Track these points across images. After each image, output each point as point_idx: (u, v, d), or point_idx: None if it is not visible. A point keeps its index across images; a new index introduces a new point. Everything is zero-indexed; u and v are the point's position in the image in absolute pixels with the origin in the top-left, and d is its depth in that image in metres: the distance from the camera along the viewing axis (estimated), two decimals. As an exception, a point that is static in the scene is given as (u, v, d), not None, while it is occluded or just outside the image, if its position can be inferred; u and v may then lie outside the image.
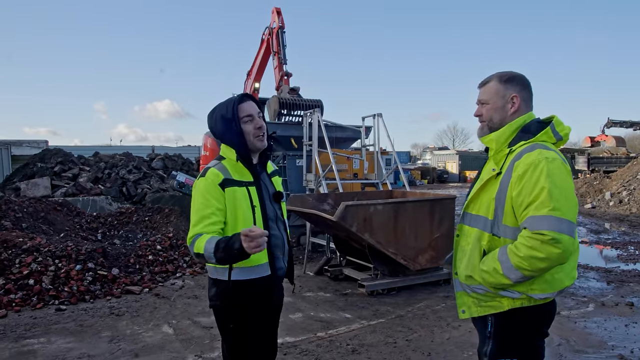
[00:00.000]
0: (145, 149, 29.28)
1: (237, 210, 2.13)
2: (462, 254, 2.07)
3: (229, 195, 2.12)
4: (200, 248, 2.01)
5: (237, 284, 2.14)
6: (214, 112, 2.26)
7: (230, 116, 2.18)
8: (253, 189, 2.20)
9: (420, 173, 35.63)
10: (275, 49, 11.37)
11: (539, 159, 1.82)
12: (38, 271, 5.80)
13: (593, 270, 7.13)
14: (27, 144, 24.72)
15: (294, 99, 10.36)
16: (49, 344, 4.36)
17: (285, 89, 10.82)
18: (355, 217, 5.45)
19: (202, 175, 2.16)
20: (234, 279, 2.12)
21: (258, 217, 2.18)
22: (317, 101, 10.59)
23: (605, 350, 4.12)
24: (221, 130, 2.22)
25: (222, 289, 2.18)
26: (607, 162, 25.04)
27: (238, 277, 2.14)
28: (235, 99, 2.23)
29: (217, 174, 2.14)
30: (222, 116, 2.20)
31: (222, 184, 2.12)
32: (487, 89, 2.05)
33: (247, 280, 2.17)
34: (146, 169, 14.53)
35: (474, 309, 2.05)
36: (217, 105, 2.28)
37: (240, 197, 2.14)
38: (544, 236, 1.73)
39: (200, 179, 2.16)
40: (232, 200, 2.12)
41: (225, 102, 2.25)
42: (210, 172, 2.15)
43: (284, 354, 4.06)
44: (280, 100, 10.16)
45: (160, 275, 6.68)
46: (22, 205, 8.47)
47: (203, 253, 2.00)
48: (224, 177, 2.14)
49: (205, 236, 2.04)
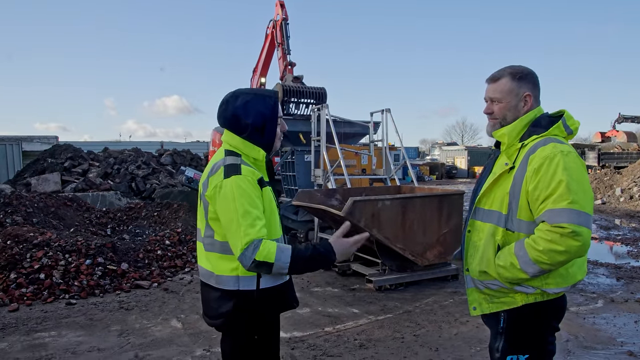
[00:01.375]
0: (154, 144, 29.43)
1: (272, 213, 1.99)
2: (474, 250, 2.05)
3: (266, 195, 1.95)
4: (269, 256, 1.79)
5: (265, 292, 1.96)
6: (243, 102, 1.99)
7: (270, 115, 2.00)
8: (271, 188, 2.06)
9: (429, 169, 35.50)
10: (279, 40, 11.39)
11: (554, 153, 1.81)
12: (49, 265, 5.86)
13: (603, 267, 7.07)
14: (37, 140, 24.91)
15: (298, 87, 10.36)
16: (60, 337, 4.41)
17: (289, 77, 10.84)
18: (363, 212, 5.44)
19: (237, 173, 1.89)
20: (263, 287, 1.94)
21: (277, 217, 2.05)
22: (321, 89, 10.58)
23: (614, 346, 4.09)
24: (255, 125, 1.99)
25: (245, 300, 1.94)
26: (618, 158, 24.78)
27: (266, 284, 1.95)
28: (273, 94, 2.04)
29: (253, 172, 1.94)
30: (258, 110, 1.98)
31: (260, 182, 1.93)
32: (499, 87, 2.01)
33: (273, 287, 1.98)
34: (155, 164, 14.63)
35: (485, 306, 2.04)
36: (244, 93, 2.02)
37: (272, 198, 2.01)
38: (564, 229, 1.72)
39: (238, 177, 1.87)
40: (269, 202, 1.97)
41: (259, 94, 2.04)
42: (245, 169, 1.91)
43: (292, 348, 4.08)
44: (284, 87, 10.16)
45: (169, 270, 6.73)
46: (32, 200, 8.57)
47: (272, 262, 1.80)
48: (260, 176, 1.96)
49: (268, 242, 1.83)
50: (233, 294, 1.94)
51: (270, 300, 1.98)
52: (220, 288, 1.97)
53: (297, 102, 10.41)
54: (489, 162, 2.15)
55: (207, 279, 2.02)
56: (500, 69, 2.05)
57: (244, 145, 2.02)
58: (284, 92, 10.11)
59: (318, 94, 10.51)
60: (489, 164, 2.13)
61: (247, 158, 2.01)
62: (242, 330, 1.98)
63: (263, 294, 1.95)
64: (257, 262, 1.79)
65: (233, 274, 1.93)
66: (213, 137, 10.89)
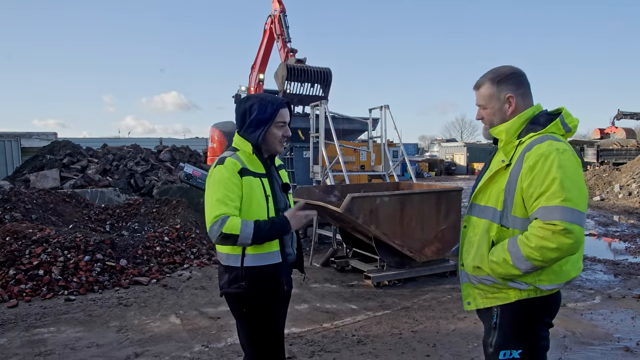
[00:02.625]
0: (153, 141, 29.43)
1: (252, 199, 2.20)
2: (470, 245, 2.07)
3: (246, 183, 2.19)
4: (234, 229, 2.07)
5: (249, 271, 2.21)
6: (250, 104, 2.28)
7: (266, 117, 2.25)
8: (265, 180, 2.28)
9: (428, 165, 35.51)
10: (279, 31, 11.34)
11: (549, 150, 1.82)
12: (47, 262, 5.87)
13: (600, 263, 7.09)
14: (36, 136, 24.92)
15: (303, 66, 10.26)
16: (59, 333, 4.42)
17: (292, 61, 10.72)
18: (361, 208, 5.45)
19: (221, 163, 2.21)
20: (247, 265, 2.20)
21: (271, 206, 2.25)
22: (326, 69, 10.45)
23: (611, 342, 4.11)
24: (248, 124, 2.26)
25: (234, 275, 2.23)
26: (617, 154, 24.76)
27: (251, 263, 2.21)
28: (279, 102, 2.28)
29: (236, 162, 2.20)
30: (258, 113, 2.24)
31: (241, 172, 2.19)
32: (482, 93, 2.05)
33: (259, 267, 2.22)
34: (154, 160, 14.61)
35: (480, 301, 2.06)
36: (254, 97, 2.31)
37: (255, 187, 2.22)
38: (556, 226, 1.73)
39: (220, 167, 2.20)
40: (249, 189, 2.19)
41: (267, 99, 2.29)
42: (228, 160, 2.20)
43: (290, 344, 4.09)
44: (289, 67, 10.03)
45: (168, 267, 6.74)
46: (31, 196, 8.56)
47: (238, 234, 2.06)
48: (242, 167, 2.21)
49: (236, 218, 2.10)
50: (227, 269, 2.26)
51: (258, 280, 2.22)
52: (221, 263, 2.32)
53: (302, 82, 10.32)
54: (488, 158, 2.16)
55: (218, 255, 2.36)
56: (483, 74, 2.07)
57: (240, 140, 2.31)
58: (288, 72, 9.99)
59: (323, 74, 10.40)
60: (488, 161, 2.14)
61: (242, 153, 2.29)
62: (235, 302, 2.29)
63: (248, 272, 2.21)
64: (223, 235, 2.07)
65: (224, 251, 2.26)
66: (212, 134, 10.88)
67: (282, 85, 10.09)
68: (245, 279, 2.21)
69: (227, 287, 2.27)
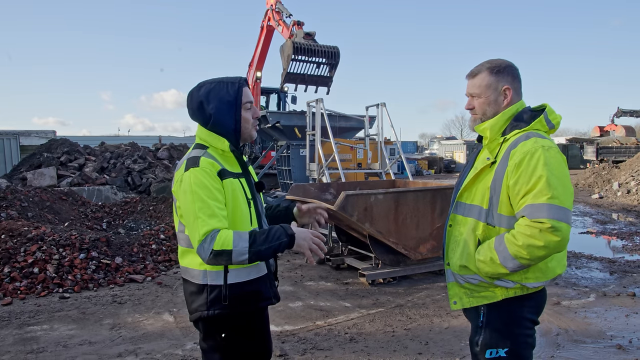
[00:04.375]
0: (153, 139, 29.37)
1: (236, 205, 1.90)
2: (456, 244, 2.05)
3: (227, 187, 1.88)
4: (226, 244, 1.74)
5: (233, 288, 1.89)
6: (206, 91, 1.94)
7: (232, 99, 1.92)
8: (244, 180, 1.98)
9: (428, 163, 35.48)
10: (277, 17, 11.00)
11: (535, 148, 1.81)
12: (42, 260, 5.87)
13: (597, 261, 7.08)
14: (35, 134, 24.85)
15: (309, 44, 9.71)
16: (52, 330, 4.42)
17: (300, 34, 10.07)
18: (355, 206, 5.44)
19: (195, 165, 1.85)
20: (231, 282, 1.89)
21: (253, 213, 1.97)
22: (334, 47, 9.93)
23: (604, 340, 4.10)
24: (215, 114, 1.92)
25: (216, 295, 1.88)
26: (616, 152, 24.78)
27: (235, 279, 1.90)
28: (239, 80, 1.97)
29: (213, 163, 1.88)
30: (220, 98, 1.92)
31: (220, 174, 1.87)
32: (478, 82, 2.01)
33: (244, 283, 1.92)
34: (151, 158, 14.61)
35: (466, 300, 2.05)
36: (208, 83, 1.97)
37: (237, 190, 1.91)
38: (543, 224, 1.73)
39: (194, 170, 1.83)
40: (231, 193, 1.89)
41: (223, 81, 1.96)
42: (203, 161, 1.86)
43: (282, 342, 4.09)
44: (295, 45, 9.51)
45: (164, 264, 6.73)
46: (28, 194, 8.57)
47: (231, 249, 1.74)
48: (221, 167, 1.89)
49: (226, 231, 1.78)
50: (203, 288, 1.90)
51: (242, 297, 1.91)
52: (193, 282, 1.94)
53: (308, 62, 9.87)
54: (471, 156, 2.15)
55: (184, 273, 2.00)
56: (479, 64, 2.04)
57: (209, 136, 1.97)
58: (294, 49, 9.50)
59: (330, 53, 9.90)
60: (471, 158, 2.13)
61: (214, 150, 1.97)
62: (213, 328, 1.94)
63: (233, 289, 1.89)
64: (215, 252, 1.74)
65: (201, 268, 1.90)
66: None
67: (287, 63, 9.58)
68: (229, 297, 1.88)
69: (205, 310, 1.89)
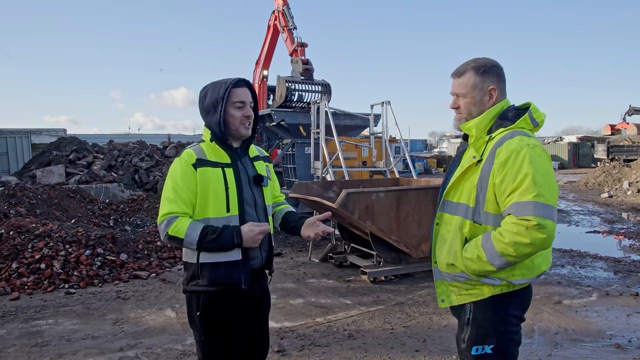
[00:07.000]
0: (162, 137, 29.63)
1: (209, 191, 2.08)
2: (443, 243, 2.07)
3: (200, 175, 2.08)
4: (179, 232, 1.99)
5: (205, 267, 2.08)
6: (205, 90, 2.20)
7: (219, 97, 2.13)
8: (229, 170, 2.14)
9: (436, 161, 35.36)
10: (284, 23, 11.34)
11: (520, 146, 1.83)
12: (49, 256, 5.97)
13: (602, 260, 7.03)
14: (46, 133, 25.16)
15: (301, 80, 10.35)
16: (56, 325, 4.51)
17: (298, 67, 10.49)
18: (356, 204, 5.46)
19: (178, 155, 2.17)
20: (202, 262, 2.07)
21: (233, 199, 2.11)
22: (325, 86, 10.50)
23: (603, 339, 4.09)
24: (205, 110, 2.18)
25: (192, 272, 2.11)
26: (628, 151, 24.41)
27: (207, 259, 2.07)
28: (231, 81, 2.15)
29: (192, 154, 2.11)
30: (211, 95, 2.15)
31: (195, 164, 2.09)
32: (463, 82, 2.01)
33: (215, 263, 2.07)
34: (159, 156, 14.74)
35: (454, 298, 2.07)
36: (210, 83, 2.22)
37: (212, 177, 2.09)
38: (529, 222, 1.75)
39: (176, 159, 2.14)
40: (203, 181, 2.08)
41: (220, 81, 2.18)
42: (185, 152, 2.14)
43: (281, 338, 4.13)
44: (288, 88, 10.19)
45: (168, 261, 6.82)
46: (36, 192, 8.70)
47: (182, 238, 1.99)
48: (197, 158, 2.11)
49: (184, 219, 2.02)
50: (185, 265, 2.18)
51: (212, 277, 2.09)
52: (183, 259, 2.21)
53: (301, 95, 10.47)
54: (457, 154, 2.16)
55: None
56: (464, 63, 2.04)
57: (204, 129, 2.23)
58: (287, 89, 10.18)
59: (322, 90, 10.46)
60: (457, 157, 2.14)
61: (205, 144, 2.20)
62: (193, 302, 2.14)
63: (205, 269, 2.09)
64: (169, 236, 2.01)
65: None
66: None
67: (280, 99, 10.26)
68: (201, 276, 2.08)
69: (185, 284, 2.15)
